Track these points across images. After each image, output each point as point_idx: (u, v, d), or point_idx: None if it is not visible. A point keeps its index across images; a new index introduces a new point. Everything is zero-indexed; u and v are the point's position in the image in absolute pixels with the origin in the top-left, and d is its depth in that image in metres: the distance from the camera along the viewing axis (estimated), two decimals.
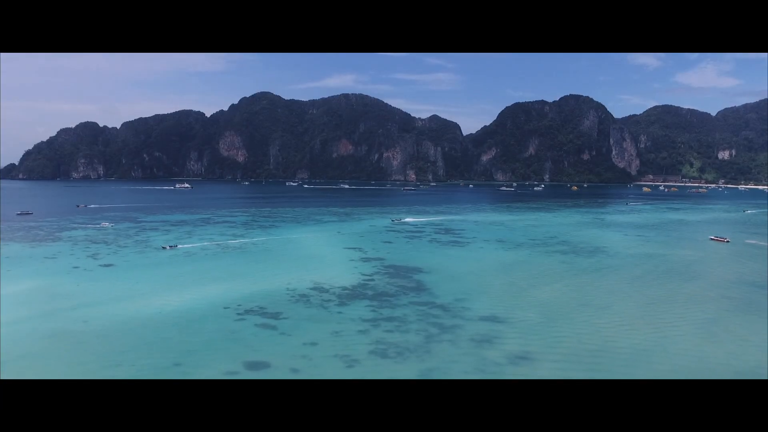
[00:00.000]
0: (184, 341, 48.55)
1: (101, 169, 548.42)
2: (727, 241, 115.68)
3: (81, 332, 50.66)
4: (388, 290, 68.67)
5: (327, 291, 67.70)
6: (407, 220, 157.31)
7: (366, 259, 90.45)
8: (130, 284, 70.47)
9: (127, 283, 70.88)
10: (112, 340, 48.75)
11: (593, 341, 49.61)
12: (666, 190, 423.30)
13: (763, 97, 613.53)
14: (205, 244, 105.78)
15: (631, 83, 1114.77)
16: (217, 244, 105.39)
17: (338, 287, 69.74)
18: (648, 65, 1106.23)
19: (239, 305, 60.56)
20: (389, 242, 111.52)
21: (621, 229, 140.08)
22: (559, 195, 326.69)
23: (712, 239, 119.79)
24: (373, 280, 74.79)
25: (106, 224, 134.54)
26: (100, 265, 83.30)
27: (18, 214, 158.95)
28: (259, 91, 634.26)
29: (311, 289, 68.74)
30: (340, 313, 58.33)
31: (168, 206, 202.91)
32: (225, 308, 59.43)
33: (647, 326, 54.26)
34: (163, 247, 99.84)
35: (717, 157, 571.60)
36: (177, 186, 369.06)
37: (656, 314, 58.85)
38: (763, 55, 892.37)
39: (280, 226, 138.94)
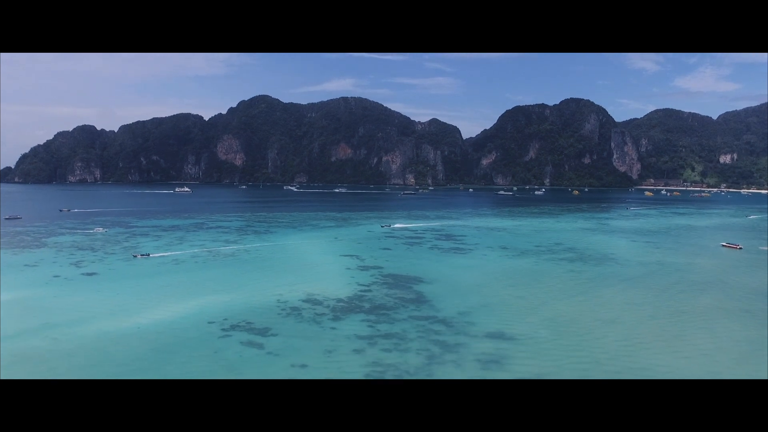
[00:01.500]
0: (160, 363, 43.87)
1: (98, 172, 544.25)
2: (740, 248, 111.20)
3: (47, 353, 45.96)
4: (386, 303, 64.03)
5: (320, 303, 63.08)
6: (397, 225, 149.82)
7: (363, 268, 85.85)
8: (111, 296, 65.80)
9: (107, 295, 66.23)
10: (81, 361, 44.04)
11: (613, 362, 44.94)
12: (668, 194, 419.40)
13: (763, 101, 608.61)
14: (196, 251, 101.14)
15: (630, 87, 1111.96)
16: (208, 251, 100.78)
17: (333, 299, 65.14)
18: (647, 69, 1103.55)
19: (225, 319, 55.95)
20: (388, 249, 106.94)
21: (628, 235, 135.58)
22: (560, 199, 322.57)
23: (723, 246, 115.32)
24: (370, 290, 70.19)
25: (100, 229, 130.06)
26: (82, 274, 78.71)
27: (6, 219, 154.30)
28: (257, 95, 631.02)
29: (304, 301, 64.13)
30: (333, 329, 53.69)
31: (162, 210, 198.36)
32: (209, 323, 54.82)
33: (671, 345, 49.60)
34: (134, 256, 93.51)
35: (719, 161, 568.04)
36: (177, 190, 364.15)
37: (679, 331, 54.11)
38: (762, 59, 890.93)
39: (275, 232, 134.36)
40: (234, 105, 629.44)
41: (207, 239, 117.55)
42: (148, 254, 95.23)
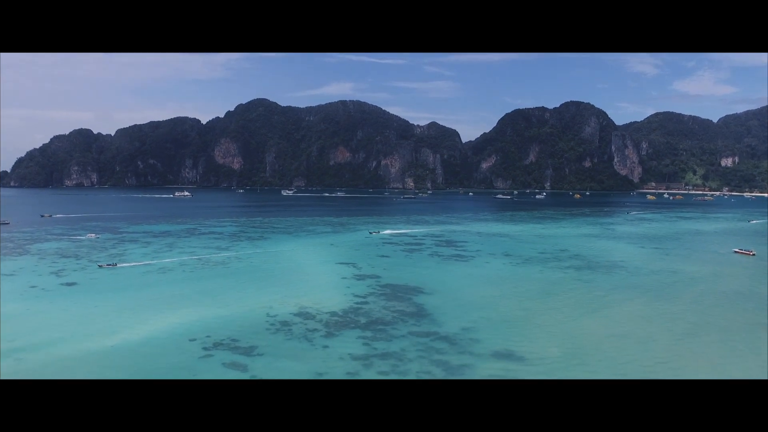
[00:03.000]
0: None
1: (95, 176, 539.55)
2: (753, 254, 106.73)
3: (7, 375, 41.24)
4: (384, 317, 59.31)
5: (313, 317, 58.37)
6: (387, 232, 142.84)
7: (359, 277, 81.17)
8: (87, 310, 61.00)
9: (83, 309, 61.43)
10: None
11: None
12: (671, 198, 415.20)
13: (763, 104, 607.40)
14: (185, 258, 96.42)
15: (630, 91, 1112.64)
16: (198, 259, 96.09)
17: (326, 312, 60.42)
18: (646, 73, 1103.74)
19: (208, 336, 51.22)
20: (386, 256, 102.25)
21: (636, 241, 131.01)
22: (562, 203, 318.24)
23: (736, 252, 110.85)
24: (367, 303, 65.50)
25: (92, 235, 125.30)
26: (61, 284, 74.01)
27: None
28: (255, 98, 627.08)
29: (295, 314, 59.42)
30: (326, 347, 48.98)
31: (155, 215, 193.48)
32: (191, 341, 50.10)
33: (693, 362, 44.92)
34: (100, 266, 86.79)
35: (720, 165, 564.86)
36: (176, 194, 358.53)
37: (700, 347, 49.45)
38: (759, 62, 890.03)
39: (269, 238, 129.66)
40: (232, 108, 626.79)
41: (198, 246, 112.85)
42: (115, 264, 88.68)
